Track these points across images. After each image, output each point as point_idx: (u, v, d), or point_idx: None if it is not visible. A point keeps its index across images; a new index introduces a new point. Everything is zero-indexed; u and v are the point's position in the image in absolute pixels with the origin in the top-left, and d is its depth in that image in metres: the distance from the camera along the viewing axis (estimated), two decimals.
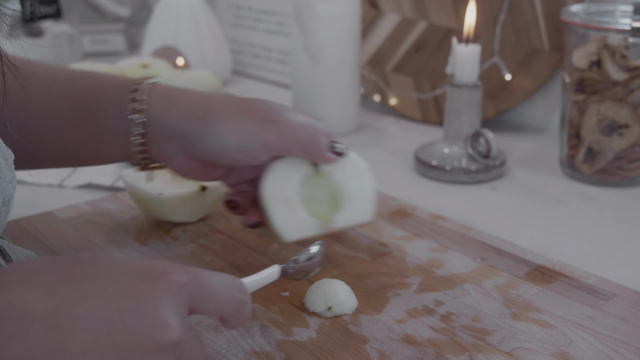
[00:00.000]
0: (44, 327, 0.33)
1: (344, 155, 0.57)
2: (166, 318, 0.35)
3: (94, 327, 0.33)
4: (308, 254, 0.51)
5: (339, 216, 0.58)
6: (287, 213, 0.56)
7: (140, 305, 0.35)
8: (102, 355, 0.33)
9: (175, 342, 0.35)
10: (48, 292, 0.34)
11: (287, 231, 0.56)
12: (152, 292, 0.35)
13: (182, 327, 0.36)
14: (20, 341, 0.32)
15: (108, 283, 0.35)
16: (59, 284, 0.34)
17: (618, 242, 0.67)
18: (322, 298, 0.52)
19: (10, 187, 0.42)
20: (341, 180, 0.58)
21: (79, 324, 0.33)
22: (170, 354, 0.35)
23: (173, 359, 0.36)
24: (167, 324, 0.35)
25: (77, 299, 0.34)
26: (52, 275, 0.35)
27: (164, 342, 0.35)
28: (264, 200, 0.56)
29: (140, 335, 0.34)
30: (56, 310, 0.33)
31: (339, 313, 0.52)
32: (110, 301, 0.34)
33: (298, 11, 0.96)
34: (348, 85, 0.97)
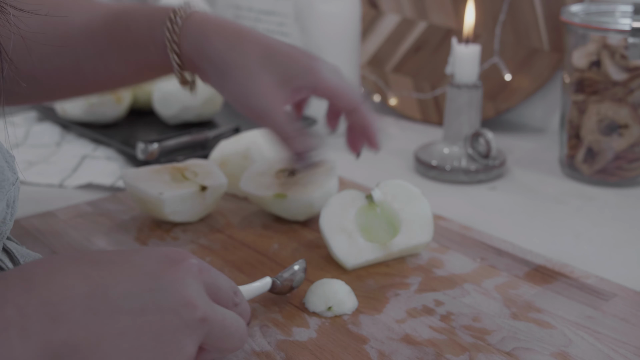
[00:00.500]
0: (83, 310, 0.34)
1: None
2: (191, 296, 0.37)
3: (128, 308, 0.36)
4: (292, 270, 0.54)
5: (397, 240, 0.59)
6: (346, 241, 0.59)
7: (168, 285, 0.37)
8: (137, 334, 0.35)
9: (201, 319, 0.37)
10: (84, 277, 0.36)
11: (348, 258, 0.58)
12: (177, 273, 0.38)
13: (206, 306, 0.38)
14: (63, 324, 0.34)
15: (136, 266, 0.37)
16: (92, 269, 0.36)
17: (618, 242, 0.67)
18: (322, 298, 0.53)
19: (14, 189, 0.42)
20: (396, 206, 0.61)
21: (115, 305, 0.35)
22: (199, 331, 0.37)
23: (201, 336, 0.38)
24: (192, 302, 0.37)
25: (110, 283, 0.36)
26: (84, 262, 0.37)
27: (192, 319, 0.37)
28: (323, 233, 0.60)
29: (171, 312, 0.36)
30: (93, 294, 0.35)
31: (339, 313, 0.52)
32: (140, 282, 0.37)
33: (298, 11, 0.96)
34: None
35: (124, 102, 0.96)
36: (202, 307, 0.38)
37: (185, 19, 0.59)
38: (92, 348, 0.34)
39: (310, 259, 0.61)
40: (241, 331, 0.41)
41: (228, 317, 0.40)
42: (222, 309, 0.40)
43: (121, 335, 0.35)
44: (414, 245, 0.60)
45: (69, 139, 0.93)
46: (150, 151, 0.79)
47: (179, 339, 0.36)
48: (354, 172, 0.84)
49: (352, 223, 0.60)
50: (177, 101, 0.93)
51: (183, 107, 0.93)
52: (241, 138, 0.76)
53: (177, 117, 0.94)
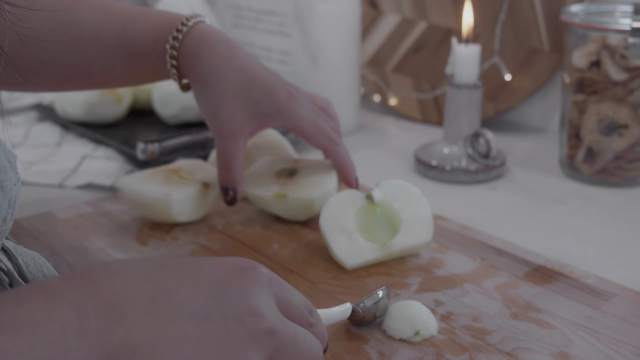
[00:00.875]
0: (144, 312, 0.34)
1: None
2: (258, 306, 0.36)
3: (191, 313, 0.34)
4: (376, 298, 0.50)
5: (397, 240, 0.59)
6: (346, 241, 0.59)
7: (235, 293, 0.36)
8: (199, 341, 0.34)
9: (268, 330, 0.36)
10: (146, 279, 0.35)
11: (348, 258, 0.58)
12: (245, 281, 0.36)
13: (275, 317, 0.36)
14: (122, 325, 0.33)
15: (203, 272, 0.36)
16: (156, 272, 0.36)
17: (618, 242, 0.67)
18: (408, 322, 0.49)
19: (15, 189, 0.42)
20: (396, 206, 0.61)
21: (177, 310, 0.34)
22: (266, 343, 0.36)
23: (269, 349, 0.36)
24: (259, 312, 0.36)
25: (173, 286, 0.35)
26: (149, 266, 0.36)
27: (258, 330, 0.35)
28: (323, 233, 0.59)
29: (235, 321, 0.35)
30: (155, 296, 0.34)
31: (426, 336, 0.49)
32: (205, 288, 0.35)
33: (298, 11, 0.96)
34: (348, 86, 0.97)
35: (124, 102, 0.96)
36: (270, 318, 0.36)
37: (185, 34, 0.62)
38: (150, 351, 0.33)
39: (310, 259, 0.61)
40: (315, 352, 0.39)
41: (300, 334, 0.38)
42: (294, 324, 0.38)
43: (181, 340, 0.34)
44: (414, 245, 0.60)
45: (69, 139, 0.93)
46: (151, 151, 0.79)
47: (243, 349, 0.35)
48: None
49: (352, 223, 0.60)
50: (177, 101, 0.93)
51: (183, 107, 0.93)
52: None
53: (177, 117, 0.94)
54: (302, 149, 0.93)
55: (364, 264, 0.59)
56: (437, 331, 0.50)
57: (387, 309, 0.51)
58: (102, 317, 0.33)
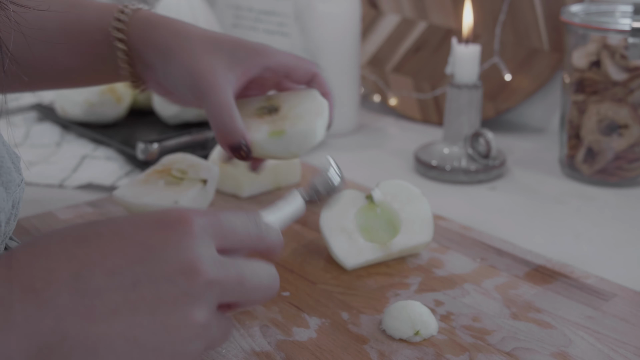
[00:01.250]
0: (69, 293, 0.33)
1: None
2: (190, 261, 0.34)
3: (118, 284, 0.33)
4: (324, 174, 0.50)
5: (397, 240, 0.59)
6: (345, 241, 0.59)
7: (162, 253, 0.34)
8: (131, 311, 0.33)
9: (206, 282, 0.34)
10: (68, 258, 0.34)
11: (348, 258, 0.58)
12: (171, 238, 0.35)
13: (211, 266, 0.35)
14: (49, 310, 0.32)
15: (125, 238, 0.35)
16: (78, 248, 0.34)
17: (618, 242, 0.67)
18: (408, 322, 0.49)
19: (19, 190, 0.42)
20: (396, 207, 0.61)
21: (103, 284, 0.33)
22: (207, 296, 0.35)
23: (213, 299, 0.35)
24: (191, 267, 0.34)
25: (96, 260, 0.34)
26: (70, 241, 0.35)
27: (193, 285, 0.34)
28: (323, 233, 0.59)
29: (166, 282, 0.34)
30: (78, 274, 0.33)
31: (426, 336, 0.49)
32: (129, 255, 0.34)
33: (298, 11, 0.96)
34: (348, 85, 0.97)
35: (124, 102, 0.96)
36: (204, 269, 0.34)
37: (134, 11, 0.59)
38: (82, 333, 0.32)
39: (310, 259, 0.61)
40: (266, 282, 0.38)
41: (247, 271, 0.37)
42: (238, 262, 0.37)
43: (113, 314, 0.33)
44: (414, 245, 0.60)
45: (69, 139, 0.93)
46: (150, 151, 0.79)
47: (181, 309, 0.34)
48: (354, 172, 0.84)
49: (352, 223, 0.60)
50: None
51: (183, 107, 0.93)
52: None
53: (177, 117, 0.94)
54: None
55: (364, 264, 0.59)
56: (437, 331, 0.50)
57: (341, 181, 0.51)
58: (27, 306, 0.32)
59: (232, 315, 0.39)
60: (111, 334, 0.32)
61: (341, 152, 0.93)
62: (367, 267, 0.59)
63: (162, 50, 0.57)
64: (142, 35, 0.58)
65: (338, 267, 0.59)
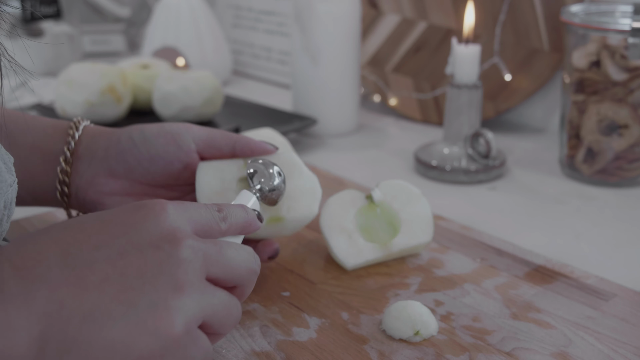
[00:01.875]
0: (60, 267, 0.34)
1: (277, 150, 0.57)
2: (169, 227, 0.37)
3: (105, 256, 0.35)
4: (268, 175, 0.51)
5: (397, 240, 0.59)
6: (346, 241, 0.59)
7: (142, 226, 0.37)
8: (121, 277, 0.35)
9: (189, 246, 0.37)
10: (55, 241, 0.36)
11: (348, 258, 0.58)
12: (150, 214, 0.37)
13: (192, 236, 0.38)
14: (43, 283, 0.34)
15: (106, 220, 0.37)
16: (62, 232, 0.36)
17: (618, 242, 0.67)
18: (408, 322, 0.49)
19: (11, 191, 0.42)
20: (396, 207, 0.61)
21: (90, 257, 0.35)
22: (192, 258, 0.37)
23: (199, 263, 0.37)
24: (172, 232, 0.37)
25: (82, 239, 0.36)
26: (54, 230, 0.37)
27: (177, 248, 0.36)
28: (323, 233, 0.59)
29: (152, 248, 0.36)
30: (67, 252, 0.35)
31: (426, 336, 0.49)
32: (113, 232, 0.36)
33: (298, 11, 0.96)
34: (348, 86, 0.98)
35: (124, 102, 0.96)
36: (186, 236, 0.37)
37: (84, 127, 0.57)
38: (78, 299, 0.34)
39: (310, 259, 0.61)
40: (245, 255, 0.40)
41: (224, 244, 0.39)
42: (215, 240, 0.39)
43: (104, 281, 0.34)
44: (414, 245, 0.60)
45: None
46: None
47: (168, 271, 0.36)
48: (354, 172, 0.85)
49: (352, 223, 0.60)
50: (177, 101, 0.93)
51: (183, 107, 0.93)
52: None
53: (177, 117, 0.94)
54: (302, 148, 0.93)
55: (364, 264, 0.59)
56: (437, 331, 0.50)
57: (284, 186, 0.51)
58: (20, 281, 0.33)
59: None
60: (105, 299, 0.34)
61: (341, 152, 0.93)
62: (367, 267, 0.59)
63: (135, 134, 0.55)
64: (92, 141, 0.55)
65: (338, 267, 0.59)
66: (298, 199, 0.55)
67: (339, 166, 0.87)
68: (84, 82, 0.93)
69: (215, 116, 0.99)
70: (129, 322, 0.34)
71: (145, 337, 0.34)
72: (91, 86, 0.93)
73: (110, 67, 0.97)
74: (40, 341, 0.33)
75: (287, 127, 0.91)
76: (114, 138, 0.54)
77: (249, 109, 1.04)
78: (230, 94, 1.14)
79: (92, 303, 0.34)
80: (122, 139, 0.54)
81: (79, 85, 0.93)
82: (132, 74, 1.00)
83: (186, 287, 0.36)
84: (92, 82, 0.93)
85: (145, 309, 0.35)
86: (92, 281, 0.34)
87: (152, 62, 1.04)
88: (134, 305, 0.34)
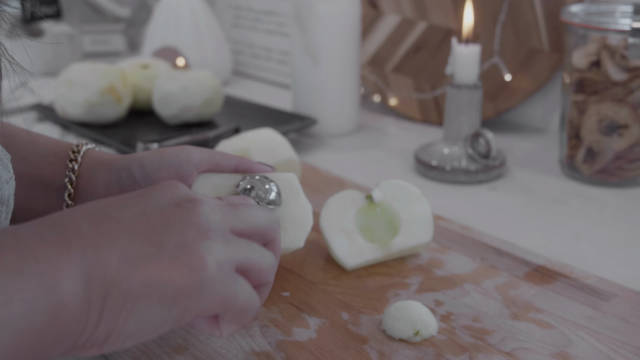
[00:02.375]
0: (89, 223, 0.37)
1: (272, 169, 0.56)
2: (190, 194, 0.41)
3: (130, 214, 0.38)
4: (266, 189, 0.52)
5: (397, 240, 0.59)
6: (346, 241, 0.59)
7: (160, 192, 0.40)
8: (147, 227, 0.38)
9: (208, 205, 0.40)
10: (81, 209, 0.38)
11: (348, 258, 0.58)
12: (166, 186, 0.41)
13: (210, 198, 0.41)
14: (75, 236, 0.35)
15: (125, 195, 0.40)
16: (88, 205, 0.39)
17: (618, 242, 0.67)
18: (408, 323, 0.49)
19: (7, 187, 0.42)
20: (396, 207, 0.61)
21: (117, 215, 0.38)
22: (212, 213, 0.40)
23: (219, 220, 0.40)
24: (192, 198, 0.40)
25: (106, 205, 0.39)
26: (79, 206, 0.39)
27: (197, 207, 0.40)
28: (323, 233, 0.59)
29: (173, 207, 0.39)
30: (93, 214, 0.38)
31: (426, 336, 0.49)
32: (134, 199, 0.39)
33: (298, 12, 0.96)
34: (348, 86, 0.98)
35: (124, 102, 0.96)
36: (204, 199, 0.40)
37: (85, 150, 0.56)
38: (111, 245, 0.36)
39: (310, 259, 0.61)
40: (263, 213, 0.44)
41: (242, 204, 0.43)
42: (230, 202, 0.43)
43: (132, 232, 0.37)
44: (414, 245, 0.60)
45: (69, 139, 0.93)
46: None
47: (190, 221, 0.39)
48: (354, 172, 0.85)
49: (352, 223, 0.60)
50: (177, 101, 0.93)
51: (183, 107, 0.93)
52: (241, 138, 0.76)
53: (177, 117, 0.94)
54: (302, 148, 0.93)
55: (364, 264, 0.59)
56: (437, 331, 0.50)
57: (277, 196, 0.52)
58: (55, 234, 0.35)
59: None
60: (135, 244, 0.37)
61: (341, 152, 0.93)
62: (367, 267, 0.59)
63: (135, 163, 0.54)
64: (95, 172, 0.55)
65: (338, 267, 0.59)
66: (287, 229, 0.54)
67: (339, 166, 0.87)
68: (84, 82, 0.93)
69: (215, 116, 0.99)
70: (161, 260, 0.37)
71: (180, 270, 0.37)
72: (91, 86, 0.93)
73: (110, 67, 0.97)
74: (84, 280, 0.34)
75: (287, 127, 0.91)
76: (114, 174, 0.53)
77: (249, 109, 1.04)
78: (230, 94, 1.14)
79: (125, 247, 0.36)
80: (122, 176, 0.52)
81: (79, 85, 0.93)
82: (132, 74, 1.00)
83: (210, 233, 0.39)
84: (92, 82, 0.93)
85: (175, 248, 0.37)
86: (121, 233, 0.37)
87: (152, 62, 1.04)
88: (163, 247, 0.37)
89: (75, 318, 0.34)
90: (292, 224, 0.54)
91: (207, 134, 0.86)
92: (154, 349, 0.48)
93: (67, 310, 0.33)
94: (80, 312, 0.34)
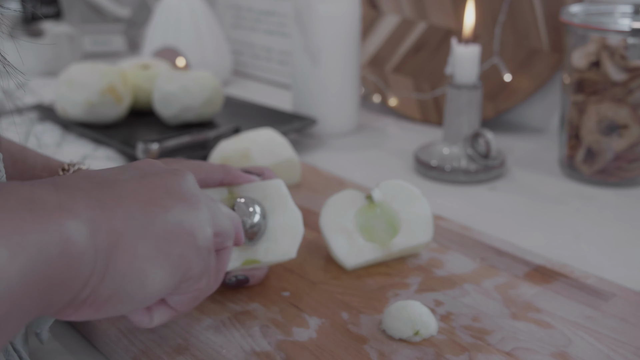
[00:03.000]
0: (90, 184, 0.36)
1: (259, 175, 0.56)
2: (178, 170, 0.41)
3: (129, 177, 0.39)
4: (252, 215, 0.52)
5: (397, 240, 0.59)
6: (346, 241, 0.59)
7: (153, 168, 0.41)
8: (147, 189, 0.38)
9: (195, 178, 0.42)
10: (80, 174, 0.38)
11: (348, 258, 0.58)
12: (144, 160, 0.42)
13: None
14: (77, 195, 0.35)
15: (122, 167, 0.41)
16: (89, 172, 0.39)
17: (618, 242, 0.67)
18: (408, 322, 0.49)
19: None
20: (396, 207, 0.61)
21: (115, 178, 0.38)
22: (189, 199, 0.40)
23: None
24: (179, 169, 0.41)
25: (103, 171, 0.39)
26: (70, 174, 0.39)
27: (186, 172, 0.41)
28: (323, 233, 0.59)
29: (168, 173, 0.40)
30: (92, 178, 0.38)
31: (426, 336, 0.49)
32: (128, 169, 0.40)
33: (298, 12, 0.96)
34: (348, 86, 0.98)
35: (124, 102, 0.96)
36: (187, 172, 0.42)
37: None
38: (115, 202, 0.36)
39: (310, 259, 0.61)
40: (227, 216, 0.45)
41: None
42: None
43: (134, 192, 0.37)
44: (414, 245, 0.60)
45: (69, 139, 0.93)
46: (151, 151, 0.79)
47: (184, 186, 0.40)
48: (354, 172, 0.85)
49: (352, 223, 0.60)
50: (177, 101, 0.93)
51: (183, 108, 0.93)
52: (241, 138, 0.76)
53: (177, 118, 0.94)
54: (302, 149, 0.93)
55: (364, 264, 0.59)
56: (437, 331, 0.50)
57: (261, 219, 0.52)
58: (57, 191, 0.34)
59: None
60: (140, 205, 0.37)
61: (341, 152, 0.93)
62: (367, 267, 0.59)
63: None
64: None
65: (338, 267, 0.59)
66: (278, 240, 0.53)
67: (339, 166, 0.87)
68: (84, 82, 0.93)
69: (215, 116, 0.99)
70: (167, 223, 0.37)
71: (184, 238, 0.38)
72: (91, 86, 0.93)
73: (111, 67, 0.97)
74: (89, 226, 0.34)
75: (287, 127, 0.92)
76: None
77: (249, 109, 1.04)
78: (230, 94, 1.14)
79: (130, 206, 0.36)
80: None
81: (79, 86, 0.93)
82: (132, 74, 1.00)
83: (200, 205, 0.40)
84: (92, 82, 0.93)
85: (180, 214, 0.38)
86: (123, 193, 0.37)
87: (152, 62, 1.04)
88: (169, 210, 0.38)
89: (83, 260, 0.33)
90: (283, 234, 0.53)
91: (207, 134, 0.86)
92: (154, 349, 0.49)
93: (75, 250, 0.33)
94: (88, 254, 0.33)
